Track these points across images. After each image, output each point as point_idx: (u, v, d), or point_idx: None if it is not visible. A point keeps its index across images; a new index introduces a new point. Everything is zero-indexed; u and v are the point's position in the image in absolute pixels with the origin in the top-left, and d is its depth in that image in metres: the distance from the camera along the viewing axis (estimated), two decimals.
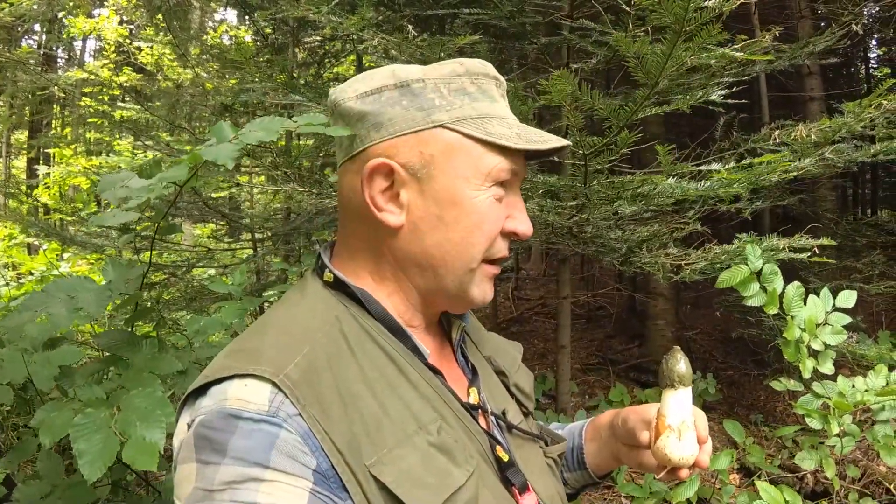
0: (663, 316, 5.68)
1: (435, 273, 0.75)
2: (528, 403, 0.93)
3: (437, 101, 0.73)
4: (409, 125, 0.73)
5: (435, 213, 0.73)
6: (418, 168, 0.73)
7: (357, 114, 0.75)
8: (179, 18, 5.02)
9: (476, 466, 0.69)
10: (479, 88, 0.76)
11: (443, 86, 0.74)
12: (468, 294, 0.77)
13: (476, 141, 0.73)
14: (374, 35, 2.70)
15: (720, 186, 2.05)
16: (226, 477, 0.58)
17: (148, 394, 1.06)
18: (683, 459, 0.78)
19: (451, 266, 0.75)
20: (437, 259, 0.74)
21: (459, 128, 0.73)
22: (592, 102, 1.91)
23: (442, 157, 0.73)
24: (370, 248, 0.77)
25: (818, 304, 1.84)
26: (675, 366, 0.80)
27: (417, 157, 0.73)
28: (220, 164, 0.96)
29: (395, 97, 0.74)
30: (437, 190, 0.73)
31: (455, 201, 0.73)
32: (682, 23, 1.61)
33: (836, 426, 1.80)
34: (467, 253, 0.74)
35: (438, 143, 0.73)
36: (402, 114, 0.73)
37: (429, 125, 0.73)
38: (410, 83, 0.74)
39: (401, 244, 0.75)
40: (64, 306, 1.10)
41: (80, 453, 0.95)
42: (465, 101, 0.74)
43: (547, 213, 2.34)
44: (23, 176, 13.33)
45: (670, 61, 1.79)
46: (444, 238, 0.74)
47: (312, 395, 0.63)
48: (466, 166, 0.73)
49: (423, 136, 0.73)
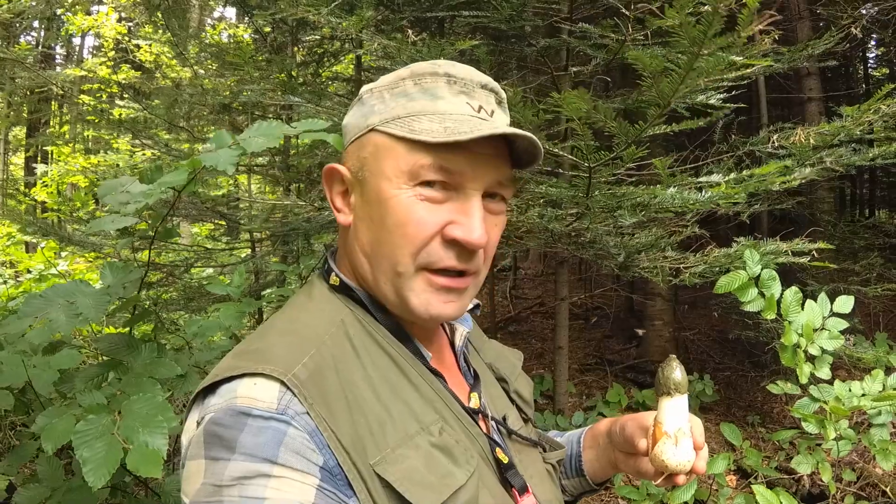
0: (661, 316, 5.69)
1: (372, 273, 0.76)
2: (527, 410, 0.94)
3: (376, 107, 0.76)
4: (355, 132, 0.78)
5: (368, 213, 0.75)
6: (357, 170, 0.77)
7: (343, 128, 0.83)
8: (178, 17, 5.00)
9: (476, 467, 0.71)
10: (421, 88, 0.74)
11: (386, 92, 0.76)
12: (407, 303, 0.73)
13: (398, 140, 0.72)
14: (372, 36, 2.70)
15: (720, 199, 2.05)
16: (235, 472, 0.59)
17: (148, 399, 1.06)
18: (680, 466, 0.79)
19: (380, 267, 0.74)
20: (370, 258, 0.75)
21: (385, 128, 0.74)
22: (605, 122, 1.91)
23: (371, 159, 0.75)
24: (343, 249, 0.82)
25: (816, 310, 1.85)
26: (671, 374, 0.81)
27: (357, 160, 0.77)
28: (221, 169, 0.96)
29: (356, 109, 0.80)
30: (369, 191, 0.75)
31: (380, 200, 0.73)
32: (699, 46, 1.60)
33: (832, 431, 1.81)
34: (392, 254, 0.72)
35: (369, 146, 0.75)
36: (353, 122, 0.79)
37: (364, 130, 0.76)
38: (363, 95, 0.79)
39: (350, 242, 0.79)
40: (63, 312, 1.10)
41: (83, 461, 0.95)
42: (401, 103, 0.74)
43: (547, 221, 2.35)
44: (21, 174, 13.30)
45: (683, 86, 1.79)
46: (373, 238, 0.74)
47: (319, 394, 0.65)
48: (390, 166, 0.72)
49: (361, 141, 0.77)
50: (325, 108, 3.13)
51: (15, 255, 7.21)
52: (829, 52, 3.67)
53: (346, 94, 5.03)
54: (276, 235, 4.33)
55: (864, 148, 2.66)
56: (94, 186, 9.54)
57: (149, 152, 7.01)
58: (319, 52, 5.15)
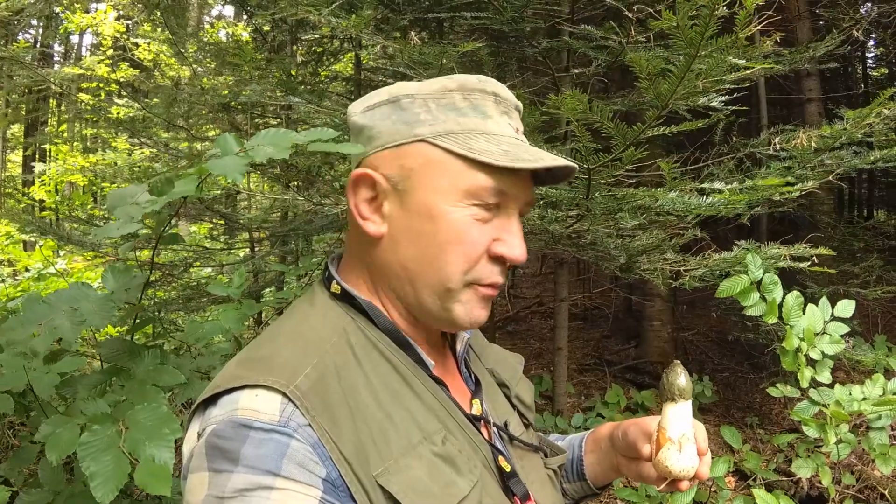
0: (660, 317, 5.70)
1: (413, 287, 0.75)
2: (528, 415, 0.94)
3: (422, 116, 0.74)
4: (393, 138, 0.75)
5: (413, 226, 0.74)
6: (398, 180, 0.74)
7: (358, 127, 0.79)
8: (177, 15, 4.99)
9: (479, 476, 0.71)
10: (471, 104, 0.75)
11: (431, 101, 0.75)
12: (451, 314, 0.75)
13: (456, 156, 0.72)
14: (372, 36, 2.70)
15: (723, 205, 2.05)
16: (238, 484, 0.59)
17: (153, 409, 1.06)
18: (684, 472, 0.79)
19: (427, 282, 0.74)
20: (413, 273, 0.75)
21: (439, 142, 0.73)
22: (602, 122, 1.91)
23: (421, 171, 0.73)
24: (361, 258, 0.79)
25: (817, 314, 1.85)
26: (675, 380, 0.81)
27: (398, 169, 0.74)
28: (229, 178, 0.96)
29: (387, 112, 0.76)
30: (415, 203, 0.73)
31: (431, 216, 0.73)
32: (696, 48, 1.60)
33: (833, 435, 1.81)
34: (442, 271, 0.73)
35: (418, 157, 0.73)
36: (390, 127, 0.75)
37: (410, 139, 0.74)
38: (401, 98, 0.75)
39: (381, 254, 0.76)
40: (68, 318, 1.10)
41: (91, 475, 0.94)
42: (451, 117, 0.74)
43: (547, 223, 2.34)
44: (19, 172, 13.26)
45: (681, 85, 1.79)
46: (419, 252, 0.74)
47: (322, 405, 0.64)
48: (444, 181, 0.73)
49: (405, 150, 0.74)
50: (325, 107, 3.12)
51: (13, 254, 7.19)
52: (829, 53, 3.68)
53: (346, 92, 5.03)
54: (275, 236, 4.33)
55: (865, 150, 2.66)
56: (93, 185, 9.53)
57: (147, 151, 6.99)
58: (319, 52, 5.14)
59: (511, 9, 2.66)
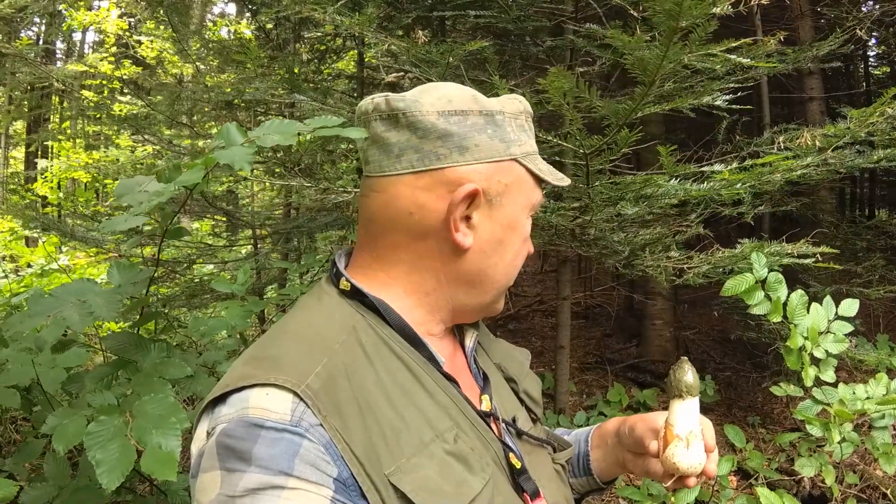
0: (661, 316, 5.69)
1: (483, 290, 0.81)
2: (536, 410, 0.95)
3: (512, 136, 0.79)
4: (492, 154, 0.77)
5: (498, 237, 0.79)
6: (494, 195, 0.78)
7: (440, 131, 0.74)
8: (180, 13, 4.99)
9: (491, 474, 0.71)
10: (529, 126, 0.84)
11: (513, 121, 0.81)
12: (495, 307, 0.86)
13: (531, 175, 0.82)
14: (375, 34, 2.70)
15: (723, 187, 2.05)
16: (249, 484, 0.59)
17: (160, 399, 1.06)
18: (691, 468, 0.79)
19: (499, 284, 0.83)
20: (490, 277, 0.81)
21: (526, 163, 0.81)
22: (591, 100, 1.90)
23: (513, 188, 0.79)
24: (415, 262, 0.77)
25: (821, 313, 1.85)
26: (682, 376, 0.82)
27: (496, 185, 0.78)
28: (237, 168, 0.96)
29: (481, 124, 0.77)
30: (504, 216, 0.79)
31: (513, 227, 0.81)
32: (675, 19, 1.61)
33: (837, 435, 1.81)
34: (514, 273, 0.84)
35: (512, 175, 0.79)
36: (488, 142, 0.77)
37: (507, 157, 0.78)
38: (494, 114, 0.78)
39: (461, 263, 0.78)
40: (76, 310, 1.10)
41: (97, 463, 0.95)
42: (525, 139, 0.82)
43: (550, 214, 2.34)
44: (21, 168, 13.28)
45: (666, 60, 1.78)
46: (500, 259, 0.81)
47: (333, 405, 0.64)
48: (524, 197, 0.81)
49: (502, 167, 0.78)
50: (329, 105, 3.12)
51: (16, 250, 7.20)
52: (832, 52, 3.67)
53: (349, 90, 5.02)
54: (278, 233, 4.33)
55: (868, 150, 2.66)
56: (96, 182, 9.54)
57: (150, 148, 7.00)
58: (322, 49, 5.14)
59: (516, 7, 2.66)
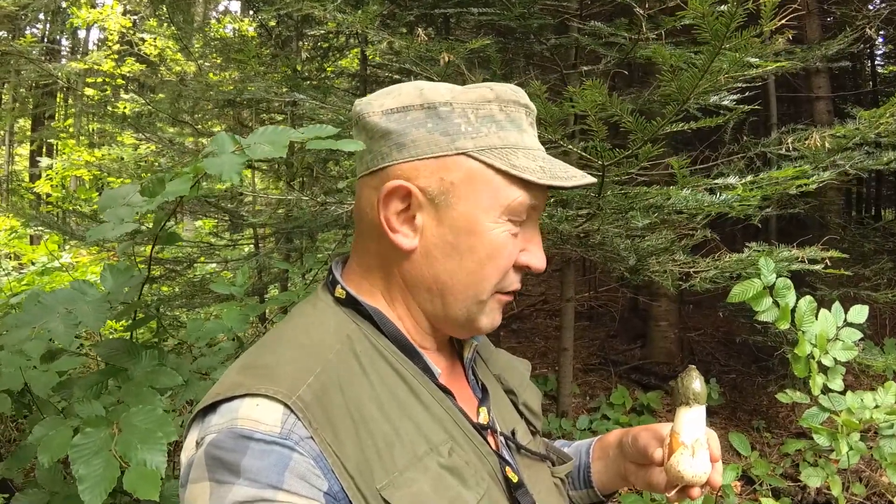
0: (666, 317, 5.65)
1: (443, 300, 0.74)
2: (536, 422, 0.93)
3: (463, 128, 0.71)
4: (432, 149, 0.71)
5: (450, 240, 0.72)
6: (437, 194, 0.71)
7: (381, 130, 0.73)
8: (183, 10, 4.98)
9: (486, 489, 0.70)
10: (508, 117, 0.74)
11: (470, 111, 0.72)
12: (476, 323, 0.77)
13: (498, 172, 0.71)
14: (378, 32, 2.67)
15: (735, 201, 2.01)
16: (238, 497, 0.57)
17: (148, 412, 1.03)
18: (696, 477, 0.77)
19: (461, 295, 0.74)
20: (447, 286, 0.74)
21: (483, 157, 0.71)
22: (620, 116, 1.87)
23: (463, 186, 0.71)
24: (382, 268, 0.76)
25: (829, 320, 1.81)
26: (690, 384, 0.79)
27: (437, 182, 0.71)
28: (225, 178, 0.93)
29: (421, 118, 0.71)
30: (455, 218, 0.72)
31: (472, 231, 0.72)
32: (721, 40, 1.56)
33: (844, 445, 1.77)
34: (478, 285, 0.74)
35: (460, 171, 0.71)
36: (427, 137, 0.71)
37: (452, 152, 0.71)
38: (437, 105, 0.71)
39: (411, 267, 0.74)
40: (62, 321, 1.07)
41: (80, 478, 0.93)
42: (492, 130, 0.72)
43: (557, 222, 2.31)
44: (25, 165, 13.33)
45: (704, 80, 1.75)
46: (456, 266, 0.73)
47: (324, 417, 0.63)
48: (486, 197, 0.71)
49: (445, 162, 0.71)
50: (330, 103, 3.10)
51: (18, 248, 7.23)
52: (840, 51, 3.63)
53: (351, 88, 5.00)
54: (279, 232, 4.32)
55: (878, 151, 2.62)
56: (99, 180, 9.56)
57: (153, 146, 7.00)
58: (324, 47, 5.12)
59: (519, 4, 2.62)
